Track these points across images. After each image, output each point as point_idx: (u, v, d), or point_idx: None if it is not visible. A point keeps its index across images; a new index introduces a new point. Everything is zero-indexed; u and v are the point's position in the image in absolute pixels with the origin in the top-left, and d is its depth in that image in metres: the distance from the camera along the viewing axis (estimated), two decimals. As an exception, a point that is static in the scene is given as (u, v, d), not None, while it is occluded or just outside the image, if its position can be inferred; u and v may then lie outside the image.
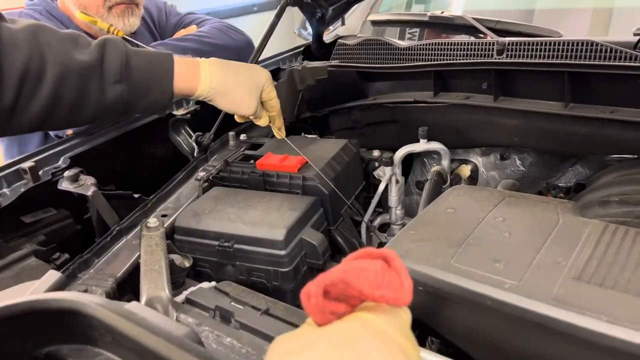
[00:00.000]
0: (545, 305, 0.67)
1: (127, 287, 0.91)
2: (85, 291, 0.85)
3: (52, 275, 0.81)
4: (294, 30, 2.10)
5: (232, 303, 0.85)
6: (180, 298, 0.88)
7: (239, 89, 1.01)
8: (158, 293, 0.76)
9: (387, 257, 0.49)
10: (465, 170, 1.57)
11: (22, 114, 0.70)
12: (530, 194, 0.95)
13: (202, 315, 0.83)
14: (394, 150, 1.43)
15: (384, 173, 1.36)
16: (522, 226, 0.84)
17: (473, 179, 1.62)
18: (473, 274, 0.74)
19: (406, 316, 0.46)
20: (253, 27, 2.23)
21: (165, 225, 1.05)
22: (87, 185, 1.05)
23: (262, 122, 1.13)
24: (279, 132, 1.20)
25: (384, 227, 1.41)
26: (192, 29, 1.64)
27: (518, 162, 1.56)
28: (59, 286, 0.81)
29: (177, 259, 0.93)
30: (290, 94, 1.58)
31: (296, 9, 1.51)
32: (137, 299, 0.90)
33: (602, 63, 1.03)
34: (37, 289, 0.79)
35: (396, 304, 0.44)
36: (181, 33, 1.64)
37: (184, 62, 0.97)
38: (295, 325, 0.78)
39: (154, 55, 0.90)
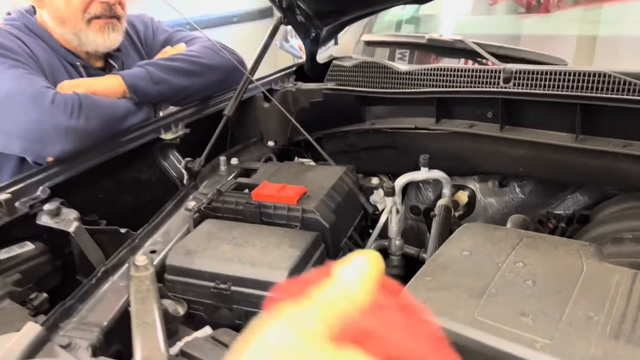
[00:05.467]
0: (583, 369, 0.61)
1: (114, 337, 0.83)
2: (69, 345, 0.76)
3: (32, 329, 0.73)
4: (276, 43, 2.04)
5: (233, 357, 0.77)
6: (174, 350, 0.81)
7: None
8: (154, 353, 0.68)
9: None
10: (463, 197, 1.52)
11: None
12: (549, 235, 0.90)
13: (200, 371, 0.75)
14: (391, 175, 1.36)
15: (381, 200, 1.30)
16: (545, 273, 0.79)
17: (470, 205, 1.57)
18: (500, 330, 0.68)
19: None
20: (232, 37, 2.19)
21: (154, 263, 0.97)
22: (69, 220, 0.96)
23: None
24: None
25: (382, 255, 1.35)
26: (181, 48, 1.55)
27: (517, 189, 1.52)
28: (39, 341, 0.72)
29: (169, 305, 0.85)
30: (283, 116, 1.51)
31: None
32: (125, 349, 0.83)
33: (615, 96, 1.00)
34: (14, 345, 0.70)
35: None
36: (169, 51, 1.55)
37: None
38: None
39: None
